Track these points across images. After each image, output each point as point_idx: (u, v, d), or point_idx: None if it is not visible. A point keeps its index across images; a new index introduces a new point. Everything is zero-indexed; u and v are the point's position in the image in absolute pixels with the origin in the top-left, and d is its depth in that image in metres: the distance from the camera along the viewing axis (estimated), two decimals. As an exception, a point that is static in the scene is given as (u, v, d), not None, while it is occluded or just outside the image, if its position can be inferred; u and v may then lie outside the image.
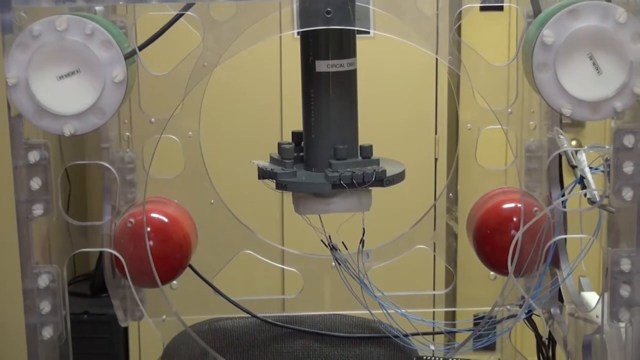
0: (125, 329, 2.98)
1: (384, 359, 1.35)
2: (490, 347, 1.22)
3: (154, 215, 1.21)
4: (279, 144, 1.14)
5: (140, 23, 1.17)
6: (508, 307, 1.23)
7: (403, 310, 1.23)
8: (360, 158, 1.11)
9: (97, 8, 1.05)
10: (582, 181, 1.07)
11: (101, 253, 1.21)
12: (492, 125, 1.24)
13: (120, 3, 1.02)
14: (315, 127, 1.11)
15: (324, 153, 1.10)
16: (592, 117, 0.92)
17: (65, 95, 0.91)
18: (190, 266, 1.25)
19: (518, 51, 1.03)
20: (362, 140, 1.13)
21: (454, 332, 1.32)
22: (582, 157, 1.08)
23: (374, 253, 1.24)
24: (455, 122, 2.89)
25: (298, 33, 1.10)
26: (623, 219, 0.98)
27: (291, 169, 1.10)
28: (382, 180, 1.09)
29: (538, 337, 1.25)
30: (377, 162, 1.11)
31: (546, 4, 1.03)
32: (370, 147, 1.12)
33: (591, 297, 1.12)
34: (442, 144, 2.92)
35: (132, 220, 1.19)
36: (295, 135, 1.16)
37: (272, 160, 1.14)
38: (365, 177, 1.08)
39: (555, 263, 1.15)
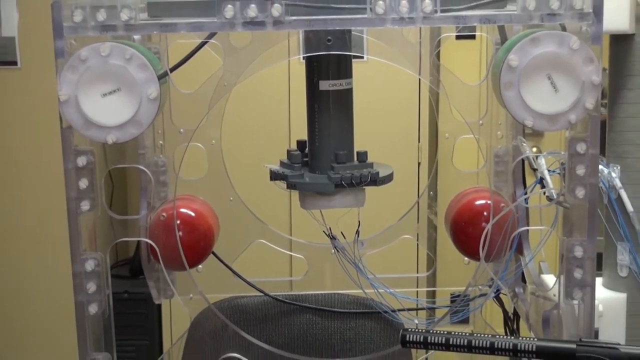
0: (159, 306, 2.97)
1: (376, 331, 1.35)
2: (465, 321, 1.22)
3: (182, 210, 1.21)
4: (288, 151, 1.14)
5: (171, 49, 1.17)
6: (479, 287, 1.23)
7: (391, 290, 1.23)
8: (357, 162, 1.12)
9: (135, 36, 1.05)
10: (541, 182, 1.08)
11: (138, 242, 1.21)
12: (466, 134, 1.23)
13: (154, 32, 1.02)
14: (319, 136, 1.11)
15: (326, 158, 1.10)
16: (550, 128, 0.93)
17: (108, 110, 0.92)
18: (213, 252, 1.25)
19: (488, 72, 1.04)
20: (358, 146, 1.14)
21: (434, 308, 1.32)
22: (542, 161, 1.09)
23: (367, 242, 1.24)
24: (435, 132, 2.89)
25: (303, 58, 1.10)
26: (576, 213, 0.98)
27: (299, 172, 1.11)
28: (376, 180, 1.10)
29: (505, 312, 1.25)
30: (371, 165, 1.11)
31: (511, 33, 1.03)
32: (366, 152, 1.12)
33: (549, 279, 1.12)
34: (424, 151, 2.92)
35: (164, 214, 1.20)
36: (300, 143, 1.16)
37: (282, 164, 1.15)
38: (362, 178, 1.08)
39: (519, 250, 1.15)
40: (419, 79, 2.64)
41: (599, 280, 1.16)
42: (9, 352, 3.25)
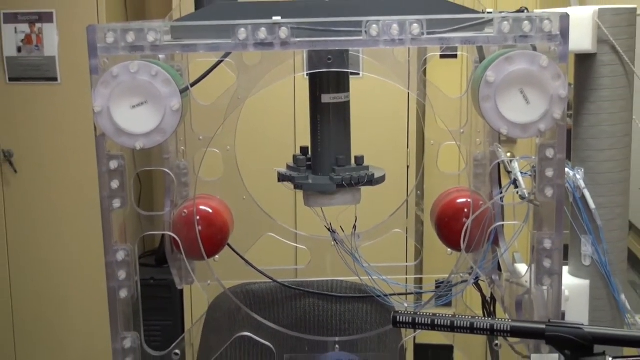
0: (181, 291, 2.97)
1: (370, 312, 1.35)
2: (448, 304, 1.22)
3: (201, 207, 1.21)
4: (294, 156, 1.14)
5: (192, 66, 1.17)
6: (461, 274, 1.22)
7: (384, 277, 1.23)
8: (354, 165, 1.12)
9: (160, 56, 1.05)
10: (515, 182, 1.07)
11: (163, 235, 1.21)
12: (449, 141, 1.23)
13: (177, 52, 1.02)
14: (321, 143, 1.11)
15: (327, 161, 1.10)
16: (523, 136, 0.93)
17: (136, 120, 0.92)
18: (228, 244, 1.25)
19: (468, 87, 1.04)
20: (355, 151, 1.13)
21: (421, 293, 1.32)
22: (515, 165, 1.08)
23: (363, 235, 1.25)
24: (421, 139, 2.89)
25: (307, 74, 1.11)
26: (545, 210, 0.98)
27: (304, 174, 1.11)
28: (371, 181, 1.10)
29: (483, 296, 1.25)
30: (367, 168, 1.11)
31: (489, 52, 1.03)
32: (362, 157, 1.12)
33: (522, 268, 1.12)
34: (412, 155, 2.92)
35: (185, 211, 1.20)
36: (303, 149, 1.16)
37: (289, 167, 1.15)
38: (359, 179, 1.09)
39: (496, 242, 1.15)
40: (408, 93, 2.65)
41: (565, 269, 1.16)
42: (52, 331, 3.26)
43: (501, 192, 1.14)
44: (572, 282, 1.14)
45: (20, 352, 3.27)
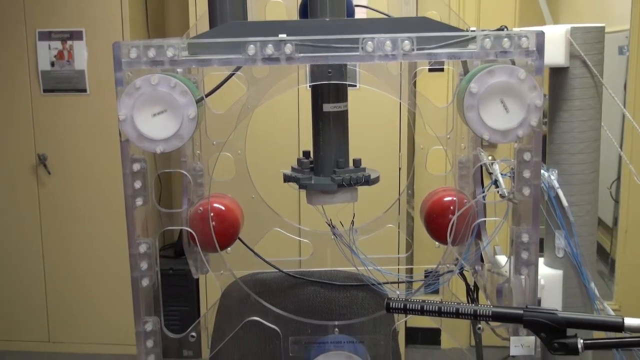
0: (197, 280, 2.99)
1: (366, 299, 1.34)
2: (436, 292, 1.22)
3: (215, 205, 1.21)
4: (298, 159, 1.14)
5: (206, 79, 1.17)
6: (447, 265, 1.22)
7: (378, 267, 1.23)
8: (352, 167, 1.11)
9: (178, 69, 1.05)
10: (495, 183, 1.07)
11: (181, 230, 1.21)
12: (437, 146, 1.24)
13: (193, 66, 1.02)
14: (323, 147, 1.11)
15: (328, 164, 1.10)
16: (503, 141, 0.93)
17: (157, 127, 0.91)
18: (239, 238, 1.25)
19: (454, 97, 1.03)
20: (353, 155, 1.13)
21: (412, 282, 1.32)
22: (496, 167, 1.08)
23: (359, 230, 1.24)
24: (412, 144, 2.90)
25: (310, 85, 1.10)
26: (523, 207, 0.98)
27: (307, 175, 1.11)
28: (368, 181, 1.10)
29: (467, 285, 1.25)
30: (363, 169, 1.11)
31: (472, 66, 1.03)
32: (360, 159, 1.12)
33: (502, 259, 1.12)
34: (404, 158, 2.92)
35: (201, 208, 1.19)
36: (305, 153, 1.16)
37: (293, 169, 1.14)
38: (357, 179, 1.08)
39: (478, 236, 1.15)
40: (400, 103, 2.65)
41: (541, 260, 1.16)
42: (82, 316, 3.26)
43: (483, 192, 1.14)
44: (547, 272, 1.14)
45: (53, 335, 3.28)
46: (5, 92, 3.10)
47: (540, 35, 0.90)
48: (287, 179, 1.14)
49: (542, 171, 1.03)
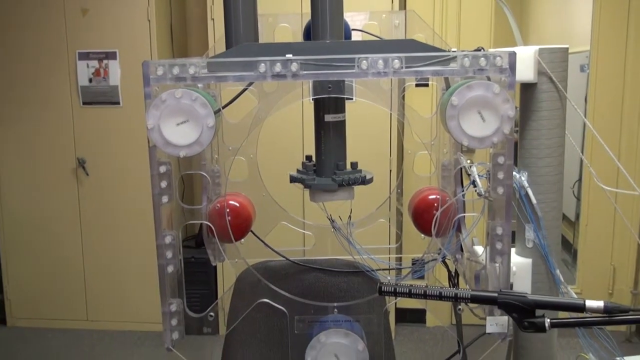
0: (215, 267, 2.98)
1: (361, 284, 1.34)
2: (421, 278, 1.22)
3: (231, 202, 1.21)
4: (303, 162, 1.14)
5: (223, 93, 1.16)
6: (432, 254, 1.22)
7: (372, 256, 1.23)
8: (350, 169, 1.11)
9: (199, 85, 1.05)
10: (474, 183, 1.07)
11: (201, 224, 1.20)
12: (423, 151, 1.23)
13: (212, 82, 1.02)
14: (324, 152, 1.10)
15: (329, 166, 1.10)
16: (480, 147, 0.92)
17: (180, 135, 0.91)
18: (251, 231, 1.24)
19: (437, 109, 1.03)
20: (350, 158, 1.13)
21: (401, 269, 1.31)
22: (474, 169, 1.08)
23: (355, 223, 1.24)
24: (401, 149, 2.90)
25: (312, 99, 1.10)
26: (497, 204, 0.97)
27: (311, 177, 1.10)
28: (364, 181, 1.09)
29: (449, 271, 1.24)
30: (360, 171, 1.11)
31: (453, 82, 1.03)
32: (356, 163, 1.12)
33: (479, 249, 1.12)
34: (394, 162, 2.92)
35: (218, 205, 1.19)
36: (308, 157, 1.16)
37: (298, 171, 1.14)
38: (355, 180, 1.08)
39: (459, 229, 1.15)
40: (390, 113, 2.65)
41: (513, 250, 1.15)
42: (117, 299, 3.26)
43: (463, 191, 1.14)
44: (518, 260, 1.14)
45: (91, 314, 3.28)
46: (50, 104, 3.11)
47: (512, 55, 0.90)
48: (293, 179, 1.14)
49: (513, 173, 1.03)
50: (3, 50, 3.09)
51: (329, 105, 1.09)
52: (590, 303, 0.80)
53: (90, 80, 3.06)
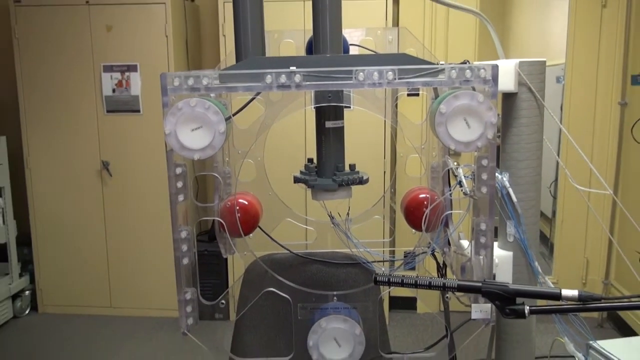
0: (225, 259, 2.98)
1: (358, 274, 1.34)
2: (413, 269, 1.21)
3: (240, 200, 1.21)
4: (305, 165, 1.14)
5: (234, 101, 1.16)
6: (422, 248, 1.22)
7: (367, 249, 1.23)
8: (349, 170, 1.11)
9: (211, 94, 1.05)
10: (460, 183, 1.07)
11: (213, 220, 1.20)
12: (414, 154, 1.23)
13: (223, 92, 1.01)
14: (325, 155, 1.10)
15: (329, 168, 1.10)
16: (465, 150, 0.92)
17: (194, 139, 0.91)
18: (259, 226, 1.24)
19: (427, 116, 1.03)
20: (348, 161, 1.13)
21: (394, 261, 1.31)
22: (460, 171, 1.08)
23: (353, 219, 1.23)
24: (394, 152, 2.89)
25: (314, 107, 1.10)
26: (481, 202, 0.97)
27: (313, 177, 1.10)
28: (361, 181, 1.09)
29: (437, 263, 1.24)
30: (357, 172, 1.10)
31: (441, 92, 1.03)
32: (354, 165, 1.11)
33: (465, 243, 1.11)
34: (388, 164, 2.92)
35: (229, 203, 1.19)
36: (310, 160, 1.16)
37: (301, 173, 1.14)
38: (353, 180, 1.08)
39: (446, 225, 1.15)
40: (384, 120, 2.65)
41: (495, 244, 1.15)
42: (138, 288, 3.26)
43: (450, 190, 1.14)
44: (500, 253, 1.14)
45: (114, 301, 3.28)
46: (77, 112, 3.11)
47: (495, 68, 0.90)
48: (296, 180, 1.13)
49: (496, 174, 1.02)
50: (37, 64, 3.09)
51: (329, 113, 1.09)
52: (565, 292, 0.80)
53: (114, 91, 3.06)
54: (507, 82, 1.05)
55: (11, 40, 3.07)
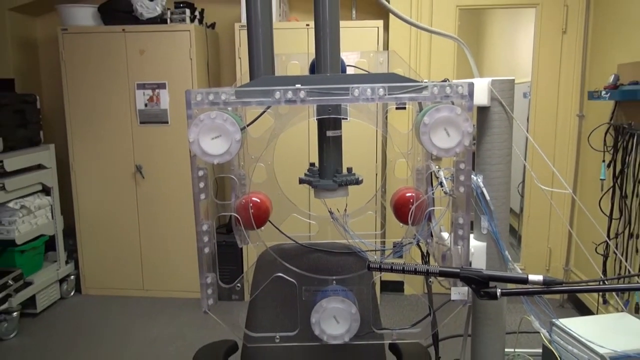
0: (241, 249, 2.98)
1: (353, 263, 1.34)
2: (400, 257, 1.21)
3: (253, 198, 1.21)
4: (309, 168, 1.14)
5: (248, 114, 1.16)
6: (408, 239, 1.22)
7: (362, 240, 1.23)
8: (346, 172, 1.11)
9: (229, 108, 1.05)
10: (441, 184, 1.06)
11: (230, 215, 1.20)
12: (401, 159, 1.23)
13: (239, 106, 1.01)
14: (326, 159, 1.10)
15: (330, 171, 1.10)
16: (446, 155, 0.92)
17: (214, 147, 0.91)
18: (269, 221, 1.24)
19: (413, 126, 1.03)
20: (346, 164, 1.13)
21: (384, 250, 1.31)
22: (441, 173, 1.08)
23: (350, 215, 1.23)
24: (384, 157, 2.89)
25: (316, 118, 1.10)
26: (459, 200, 0.97)
27: (316, 179, 1.10)
28: (357, 182, 1.09)
29: (422, 252, 1.24)
30: (354, 174, 1.10)
31: (425, 105, 1.03)
32: (351, 168, 1.11)
33: (445, 235, 1.11)
34: (379, 167, 2.91)
35: (243, 200, 1.19)
36: (311, 164, 1.16)
37: (306, 175, 1.14)
38: (350, 181, 1.08)
39: (430, 219, 1.15)
40: (376, 130, 2.64)
41: (471, 236, 1.15)
42: (166, 272, 3.26)
43: (432, 190, 1.14)
44: (475, 244, 1.13)
45: (146, 284, 3.28)
46: (115, 123, 3.12)
47: (471, 85, 0.90)
48: (301, 181, 1.13)
49: (472, 176, 1.02)
50: (80, 83, 3.11)
51: (329, 124, 1.09)
52: (532, 277, 0.80)
53: (146, 105, 3.06)
54: (481, 97, 1.04)
55: (59, 63, 3.09)
